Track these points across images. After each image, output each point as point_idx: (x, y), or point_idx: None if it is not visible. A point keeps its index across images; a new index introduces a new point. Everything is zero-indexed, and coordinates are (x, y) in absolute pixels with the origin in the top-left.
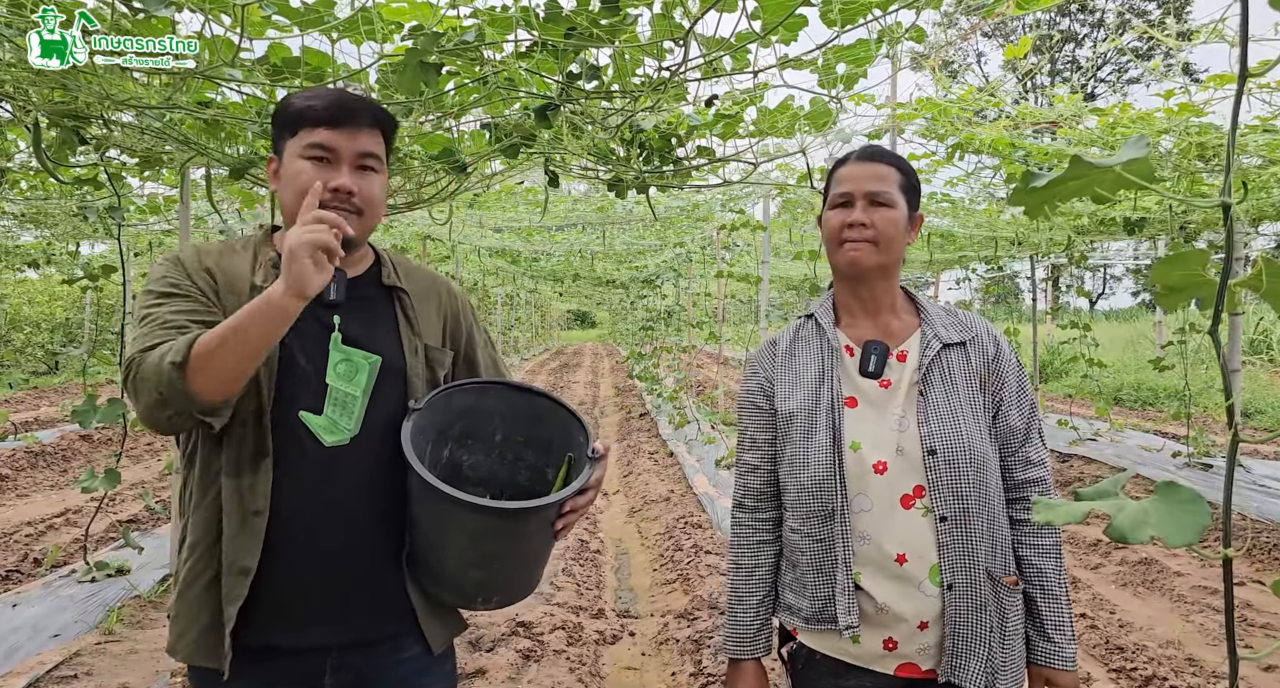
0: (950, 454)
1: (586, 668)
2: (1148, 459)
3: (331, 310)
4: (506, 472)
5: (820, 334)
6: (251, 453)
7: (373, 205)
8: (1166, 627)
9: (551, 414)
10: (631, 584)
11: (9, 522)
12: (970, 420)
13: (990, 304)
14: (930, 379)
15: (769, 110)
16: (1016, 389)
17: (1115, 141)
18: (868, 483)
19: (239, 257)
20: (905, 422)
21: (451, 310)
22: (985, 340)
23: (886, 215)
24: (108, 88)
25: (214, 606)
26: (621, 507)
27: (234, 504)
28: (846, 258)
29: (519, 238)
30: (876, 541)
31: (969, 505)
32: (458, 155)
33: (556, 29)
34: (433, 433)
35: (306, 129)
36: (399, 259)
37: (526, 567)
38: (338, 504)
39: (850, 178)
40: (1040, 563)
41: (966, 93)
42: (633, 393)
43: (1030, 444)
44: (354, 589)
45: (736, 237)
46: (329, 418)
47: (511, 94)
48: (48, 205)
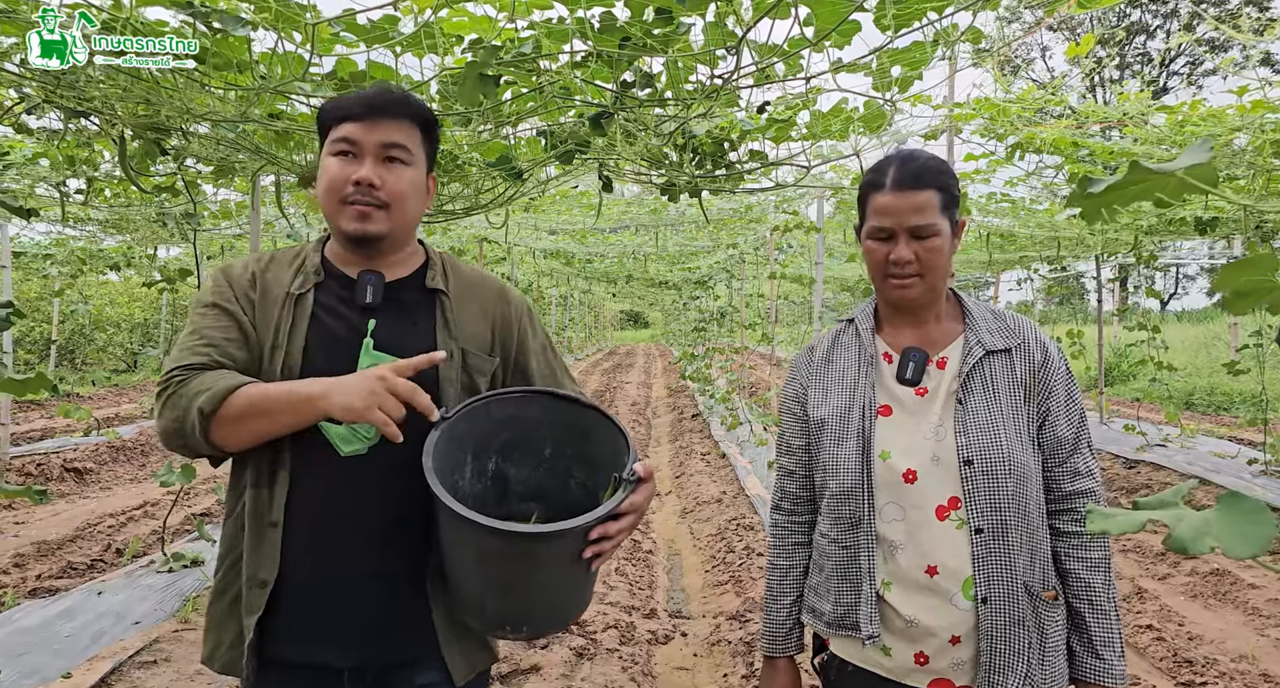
0: (988, 465)
1: (639, 667)
2: (1221, 467)
3: (367, 314)
4: (558, 487)
5: (858, 340)
6: (270, 464)
7: (401, 199)
8: (1239, 641)
9: (600, 428)
10: (683, 585)
11: (93, 513)
12: (1010, 431)
13: (1054, 305)
14: (970, 387)
15: (822, 114)
16: (1065, 398)
17: (1185, 139)
18: (898, 492)
19: (286, 267)
20: (942, 431)
21: (502, 315)
22: (1032, 347)
23: (931, 247)
24: (188, 102)
25: (240, 618)
26: (674, 508)
27: (254, 516)
28: (894, 295)
29: (573, 240)
30: (906, 551)
31: (1006, 518)
32: (514, 162)
33: (610, 39)
34: (469, 444)
35: (335, 126)
36: (452, 262)
37: (549, 596)
38: (352, 516)
39: (890, 211)
40: (1088, 577)
41: (1026, 92)
42: (685, 394)
43: (1079, 455)
44: (371, 606)
45: (790, 238)
46: (349, 427)
47: (566, 102)
48: (129, 212)
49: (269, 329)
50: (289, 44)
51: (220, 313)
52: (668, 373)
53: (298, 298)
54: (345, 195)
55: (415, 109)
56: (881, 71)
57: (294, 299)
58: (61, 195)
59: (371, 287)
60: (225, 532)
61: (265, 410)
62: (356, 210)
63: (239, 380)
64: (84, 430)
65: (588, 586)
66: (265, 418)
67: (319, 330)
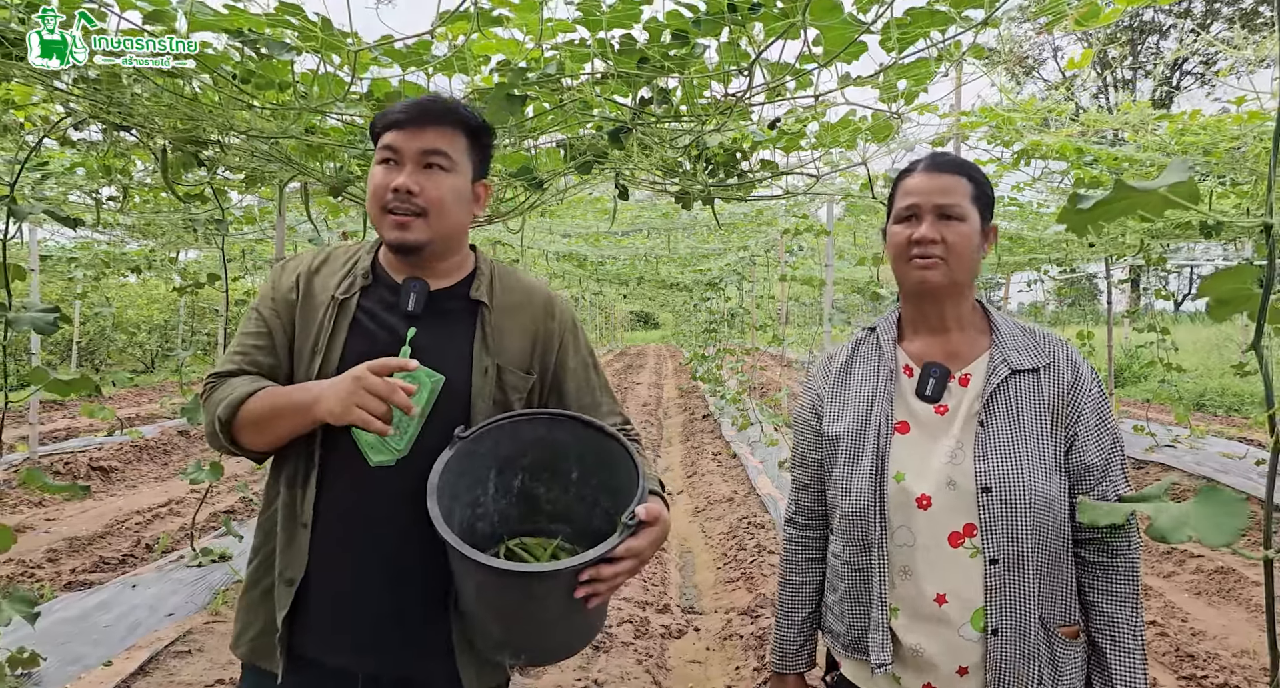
0: (1007, 494)
1: (653, 660)
2: (1230, 467)
3: (409, 322)
4: (584, 512)
5: (879, 351)
6: (305, 465)
7: (440, 206)
8: (1242, 637)
9: (623, 461)
10: (695, 582)
11: (120, 511)
12: (1034, 457)
13: (1065, 306)
14: (992, 409)
15: (831, 125)
16: (1095, 422)
17: (1186, 147)
18: (910, 516)
19: (338, 268)
20: (960, 454)
21: (545, 330)
22: (1062, 367)
23: (957, 230)
24: (229, 118)
25: (269, 611)
26: (685, 507)
27: (287, 515)
28: (915, 277)
29: (586, 243)
30: (915, 578)
31: (1024, 549)
32: (535, 172)
33: (629, 60)
34: (493, 461)
35: (382, 134)
36: (503, 272)
37: (546, 630)
38: (377, 525)
39: (917, 190)
40: (1113, 612)
41: (1029, 102)
42: (696, 395)
43: (1109, 482)
44: (389, 616)
45: (800, 240)
46: (378, 437)
47: (586, 117)
48: (157, 218)
49: (309, 334)
50: (326, 66)
51: (258, 319)
52: (678, 374)
53: (341, 302)
54: (385, 203)
55: (460, 116)
56: (888, 86)
57: (338, 303)
58: (96, 203)
59: (415, 294)
60: (261, 527)
61: (274, 416)
62: (395, 220)
63: (255, 387)
64: (108, 430)
65: (588, 622)
66: (277, 421)
67: (359, 335)
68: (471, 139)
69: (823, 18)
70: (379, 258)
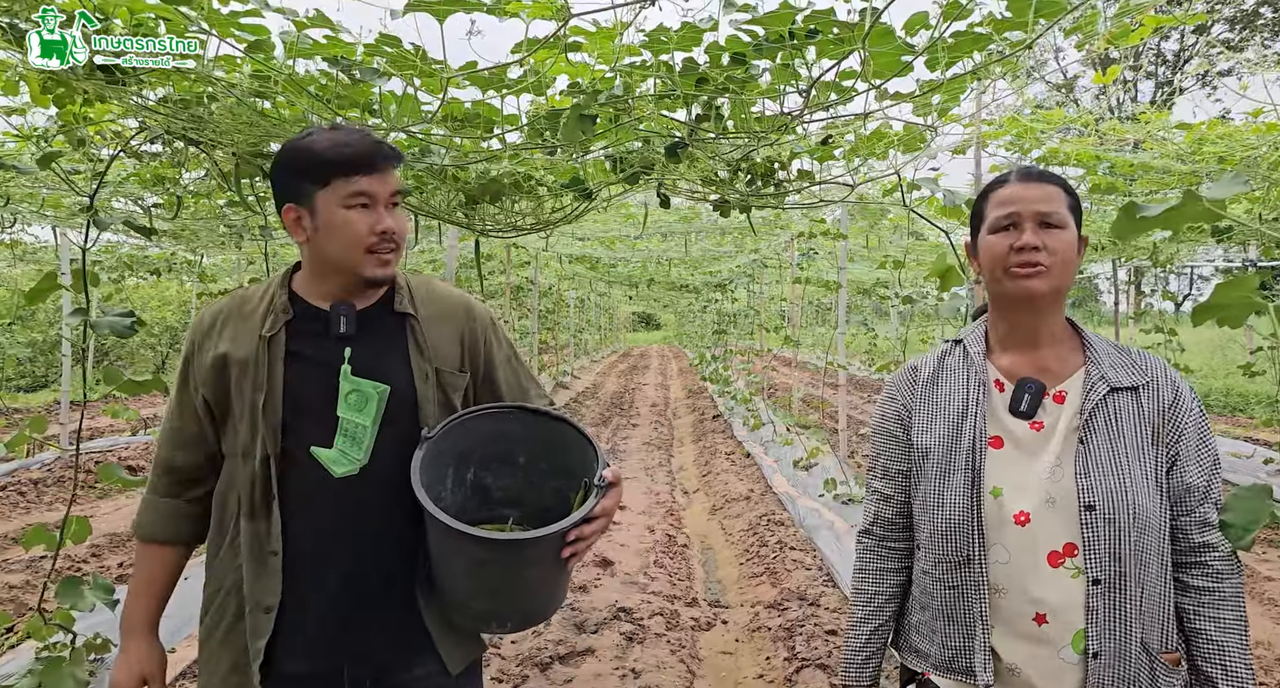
0: (1111, 512)
1: (686, 650)
2: (1238, 467)
3: (342, 343)
4: (535, 494)
5: (969, 364)
6: (262, 497)
7: (403, 240)
8: (1256, 630)
9: (571, 439)
10: (719, 577)
11: None
12: (1137, 475)
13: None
14: (1093, 425)
15: (865, 137)
16: (1196, 442)
17: (1204, 155)
18: (1006, 533)
19: (254, 309)
20: (1060, 471)
21: (470, 331)
22: (1162, 385)
23: (1060, 237)
24: None
25: (238, 645)
26: (703, 505)
27: (253, 548)
28: (1019, 288)
29: (601, 245)
30: (1013, 596)
31: (1126, 569)
32: (585, 183)
33: (689, 80)
34: (451, 458)
35: (342, 179)
36: (419, 283)
37: (534, 594)
38: (351, 534)
39: (1015, 199)
40: (1222, 639)
41: (1054, 114)
42: (704, 395)
43: (1209, 503)
44: (372, 615)
45: (812, 243)
46: (339, 450)
47: (643, 133)
48: (193, 223)
49: (246, 378)
50: (410, 89)
51: (183, 394)
52: (683, 375)
53: (270, 339)
54: (370, 245)
55: (398, 152)
56: (924, 101)
57: (266, 341)
58: (148, 211)
59: (345, 317)
60: (214, 569)
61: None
62: (380, 259)
63: (142, 574)
64: (131, 430)
65: (563, 584)
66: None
67: (297, 365)
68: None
69: (877, 43)
70: (294, 289)
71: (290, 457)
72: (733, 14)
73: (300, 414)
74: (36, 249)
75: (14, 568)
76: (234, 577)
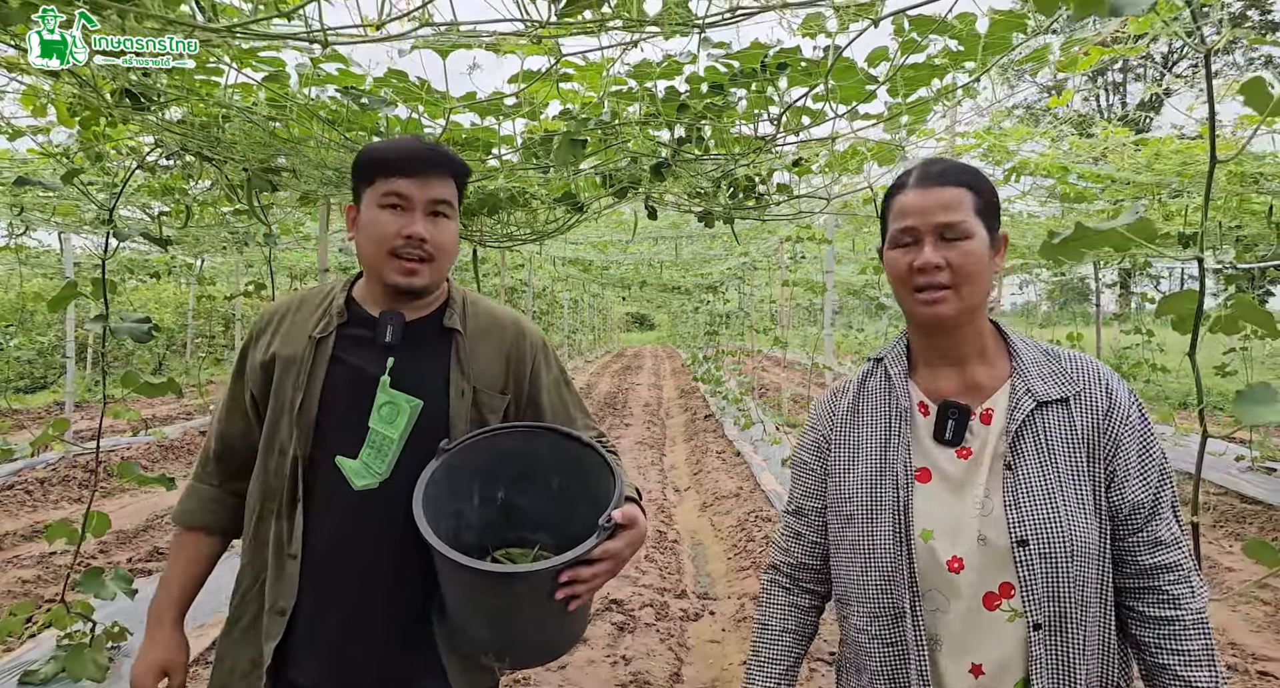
0: (1046, 547)
1: (674, 639)
2: (1211, 463)
3: (387, 353)
4: (564, 518)
5: (889, 386)
6: (289, 497)
7: (444, 250)
8: (1214, 617)
9: (599, 470)
10: (708, 571)
11: (157, 507)
12: (1071, 502)
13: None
14: (1020, 448)
15: (839, 154)
16: (1138, 453)
17: (1162, 169)
18: (940, 580)
19: (313, 310)
20: (990, 503)
21: (517, 352)
22: (1095, 394)
23: (964, 250)
24: (318, 155)
25: (255, 645)
26: (693, 502)
27: (275, 546)
28: (923, 312)
29: (594, 248)
30: (947, 647)
31: (1068, 608)
32: (577, 197)
33: (670, 107)
34: (475, 474)
35: (383, 178)
36: (473, 300)
37: (530, 632)
38: (368, 545)
39: (913, 209)
40: (1191, 675)
41: (1018, 131)
42: (696, 395)
43: (1159, 520)
44: (380, 634)
45: (800, 247)
46: (363, 462)
47: (630, 152)
48: (200, 231)
49: (289, 376)
50: (414, 114)
51: (236, 384)
52: (677, 375)
53: (319, 341)
54: (395, 248)
55: (456, 165)
56: (893, 121)
57: (315, 343)
58: (158, 219)
59: (391, 326)
60: (242, 562)
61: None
62: (405, 266)
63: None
64: (131, 431)
65: (570, 624)
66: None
67: (340, 369)
68: (458, 184)
69: (841, 76)
70: (353, 294)
71: (317, 461)
72: (709, 49)
73: (333, 419)
74: (39, 253)
75: (25, 563)
76: (260, 575)
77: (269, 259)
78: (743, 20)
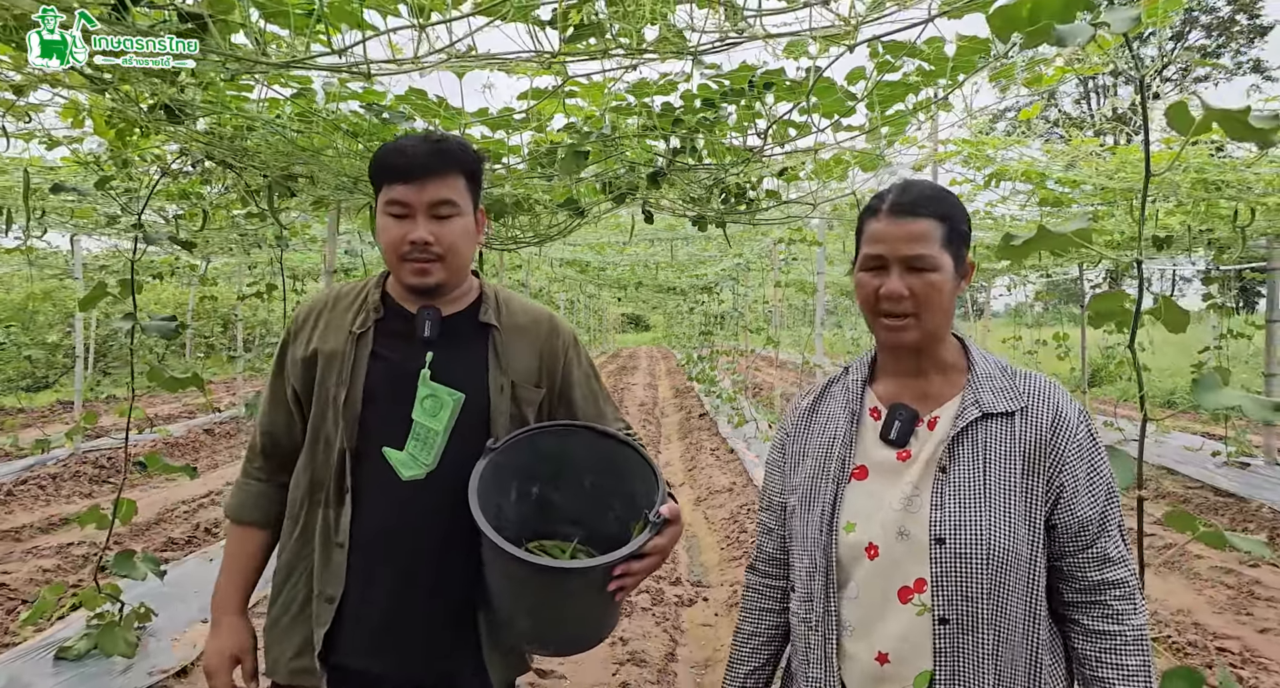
0: (962, 547)
1: (669, 623)
2: (1188, 458)
3: (425, 347)
4: (598, 516)
5: (848, 393)
6: (336, 488)
7: (455, 249)
8: (1180, 599)
9: (636, 466)
10: (702, 561)
11: (167, 501)
12: (997, 508)
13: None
14: (955, 453)
15: (824, 162)
16: (1086, 472)
17: (1129, 176)
18: (856, 568)
19: (349, 305)
20: (917, 501)
21: (550, 348)
22: (1040, 410)
23: (928, 281)
24: (339, 165)
25: (305, 632)
26: (688, 497)
27: (323, 535)
28: (887, 338)
29: (590, 250)
30: (858, 634)
31: (977, 609)
32: (578, 202)
33: (666, 120)
34: (514, 472)
35: (387, 185)
36: (506, 296)
37: (573, 622)
38: (413, 535)
39: (884, 238)
40: None
41: (994, 141)
42: (691, 395)
43: (1106, 537)
44: (423, 623)
45: (793, 248)
46: (409, 453)
47: (628, 160)
48: (206, 233)
49: (332, 371)
50: (431, 126)
51: (279, 379)
52: (672, 375)
53: (359, 336)
54: (403, 253)
55: (460, 162)
56: (873, 132)
57: (355, 338)
58: (175, 221)
59: (430, 321)
60: (289, 549)
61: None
62: (415, 267)
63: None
64: (137, 429)
65: (611, 614)
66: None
67: (380, 364)
68: (469, 179)
69: (823, 94)
70: (387, 290)
71: (363, 453)
72: (702, 69)
73: (377, 413)
74: (47, 255)
75: (45, 553)
76: (306, 563)
77: (279, 261)
78: (731, 48)
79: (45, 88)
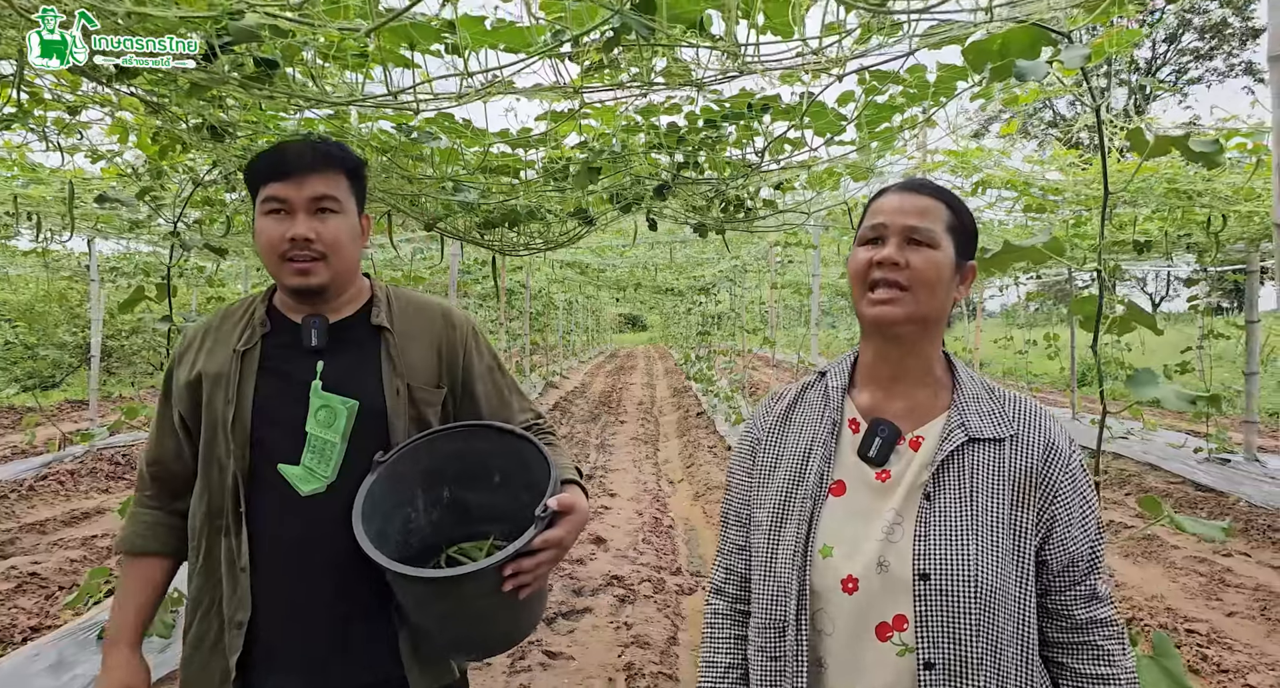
0: (949, 583)
1: (670, 609)
2: (1172, 455)
3: (315, 357)
4: (514, 510)
5: (826, 401)
6: (230, 515)
7: (338, 247)
8: (1154, 587)
9: (537, 461)
10: (701, 553)
11: None
12: (985, 542)
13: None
14: (941, 481)
15: (818, 174)
16: (1079, 505)
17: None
18: (832, 600)
19: (234, 324)
20: (899, 530)
21: (449, 343)
22: (1032, 439)
23: (926, 256)
24: None
25: (221, 661)
26: (686, 493)
27: (228, 562)
28: (873, 314)
29: (591, 252)
30: (833, 673)
31: (967, 652)
32: (588, 212)
33: (671, 138)
34: (417, 480)
35: (263, 186)
36: (399, 295)
37: (486, 626)
38: (317, 552)
39: (886, 209)
40: None
41: (977, 151)
42: (689, 394)
43: (1097, 574)
44: (338, 637)
45: (789, 251)
46: (305, 467)
47: (635, 173)
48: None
49: (219, 392)
50: (454, 145)
51: (165, 407)
52: (669, 375)
53: (244, 353)
54: (283, 252)
55: (341, 161)
56: (864, 147)
57: (240, 355)
58: (199, 226)
59: (316, 330)
60: (195, 581)
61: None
62: (296, 267)
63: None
64: (143, 427)
65: (527, 611)
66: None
67: (269, 379)
68: (351, 179)
69: (816, 116)
70: (274, 303)
71: (259, 472)
72: (704, 93)
73: (270, 429)
74: (60, 257)
75: (71, 545)
76: (214, 593)
77: None
78: (733, 80)
79: (95, 107)
